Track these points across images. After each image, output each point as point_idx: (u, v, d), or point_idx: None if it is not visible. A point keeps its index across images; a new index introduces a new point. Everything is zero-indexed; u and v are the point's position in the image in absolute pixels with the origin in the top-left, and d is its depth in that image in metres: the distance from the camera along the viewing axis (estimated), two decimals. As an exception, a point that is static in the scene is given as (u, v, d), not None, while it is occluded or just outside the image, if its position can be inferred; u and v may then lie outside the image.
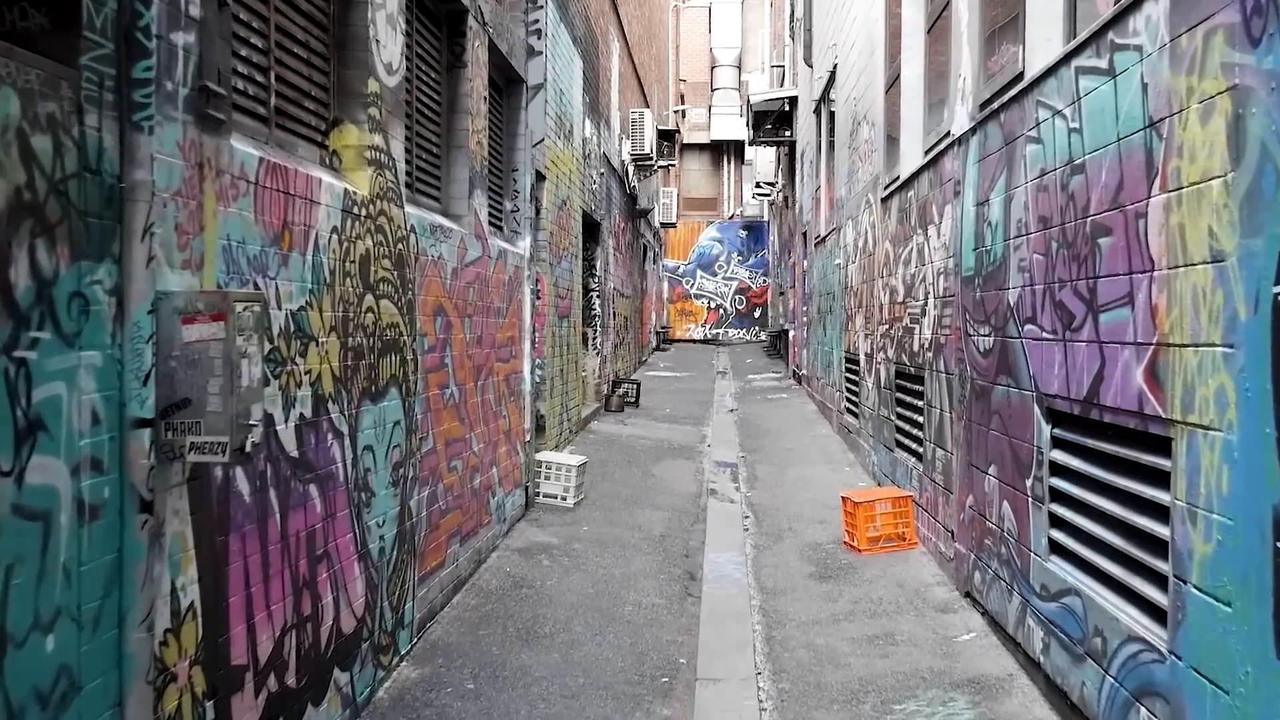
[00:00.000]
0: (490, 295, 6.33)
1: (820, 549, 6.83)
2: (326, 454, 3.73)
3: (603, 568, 6.34)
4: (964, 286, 5.66)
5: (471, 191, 5.87)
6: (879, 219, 8.78)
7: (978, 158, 5.37)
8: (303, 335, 3.51)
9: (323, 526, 3.70)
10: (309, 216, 3.56)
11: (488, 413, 6.32)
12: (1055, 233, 4.11)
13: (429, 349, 5.04)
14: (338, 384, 3.83)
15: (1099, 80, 3.65)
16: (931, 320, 6.56)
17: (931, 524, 6.47)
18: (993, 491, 5.03)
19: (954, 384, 5.89)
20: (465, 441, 5.77)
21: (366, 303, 4.14)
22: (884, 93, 8.61)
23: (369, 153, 4.18)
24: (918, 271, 7.04)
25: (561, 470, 7.94)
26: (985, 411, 5.17)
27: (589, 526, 7.34)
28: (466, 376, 5.79)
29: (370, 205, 4.18)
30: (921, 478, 6.83)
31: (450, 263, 5.42)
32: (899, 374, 7.80)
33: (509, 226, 7.34)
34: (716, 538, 7.22)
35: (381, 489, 4.34)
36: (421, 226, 4.91)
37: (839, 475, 9.33)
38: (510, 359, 6.96)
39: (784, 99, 18.23)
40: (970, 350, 5.49)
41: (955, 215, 5.89)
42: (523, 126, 7.37)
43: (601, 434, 11.66)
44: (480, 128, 6.06)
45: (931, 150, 6.71)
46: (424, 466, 4.97)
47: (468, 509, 5.83)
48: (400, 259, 4.58)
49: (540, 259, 9.09)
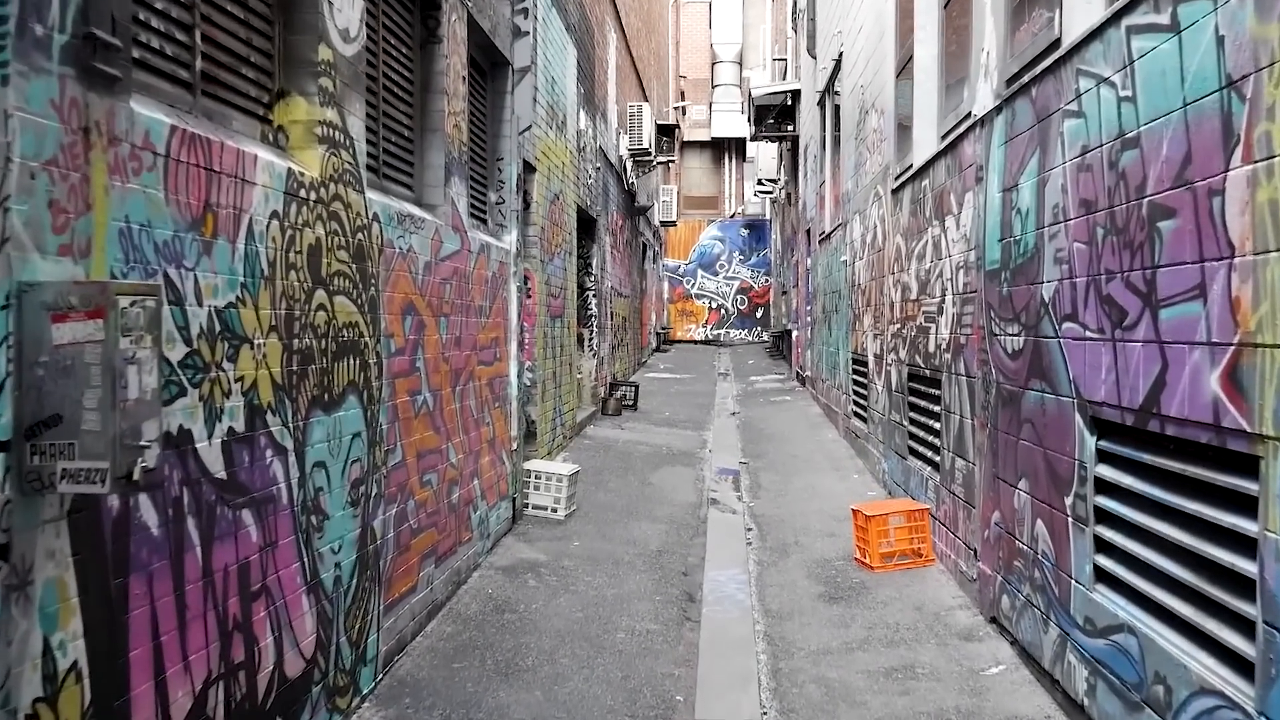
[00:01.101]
0: (471, 293, 5.83)
1: (829, 566, 6.32)
2: (265, 473, 3.23)
3: (594, 588, 5.83)
4: (988, 281, 5.15)
5: (448, 179, 5.37)
6: (889, 212, 8.27)
7: (1004, 139, 4.87)
8: (232, 336, 3.01)
9: (260, 558, 3.20)
10: (240, 198, 3.06)
11: (468, 420, 5.82)
12: (1102, 218, 3.60)
13: (396, 351, 4.54)
14: (280, 392, 3.33)
15: (1157, 38, 3.15)
16: (949, 319, 6.05)
17: (950, 540, 5.96)
18: (1024, 508, 4.53)
19: (976, 388, 5.39)
20: (441, 453, 5.27)
21: (317, 299, 3.64)
22: (894, 77, 8.11)
23: (320, 129, 3.68)
24: (933, 266, 6.53)
25: (552, 480, 7.43)
26: (1014, 419, 4.66)
27: (580, 541, 6.83)
28: (443, 381, 5.29)
29: (322, 189, 3.68)
30: (938, 489, 6.32)
31: (423, 256, 4.92)
32: (912, 376, 7.30)
33: (493, 219, 6.84)
34: (717, 553, 6.72)
35: (337, 510, 3.84)
36: (387, 215, 4.41)
37: (847, 484, 8.82)
38: (494, 362, 6.46)
39: (786, 92, 17.72)
40: (996, 351, 4.98)
41: (977, 204, 5.38)
42: (508, 112, 6.87)
43: (597, 439, 11.16)
44: (458, 110, 5.56)
45: (949, 134, 6.20)
46: (391, 482, 4.47)
47: (444, 526, 5.32)
48: (360, 251, 4.08)
49: (530, 255, 8.59)
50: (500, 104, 6.86)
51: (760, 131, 18.71)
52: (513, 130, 6.90)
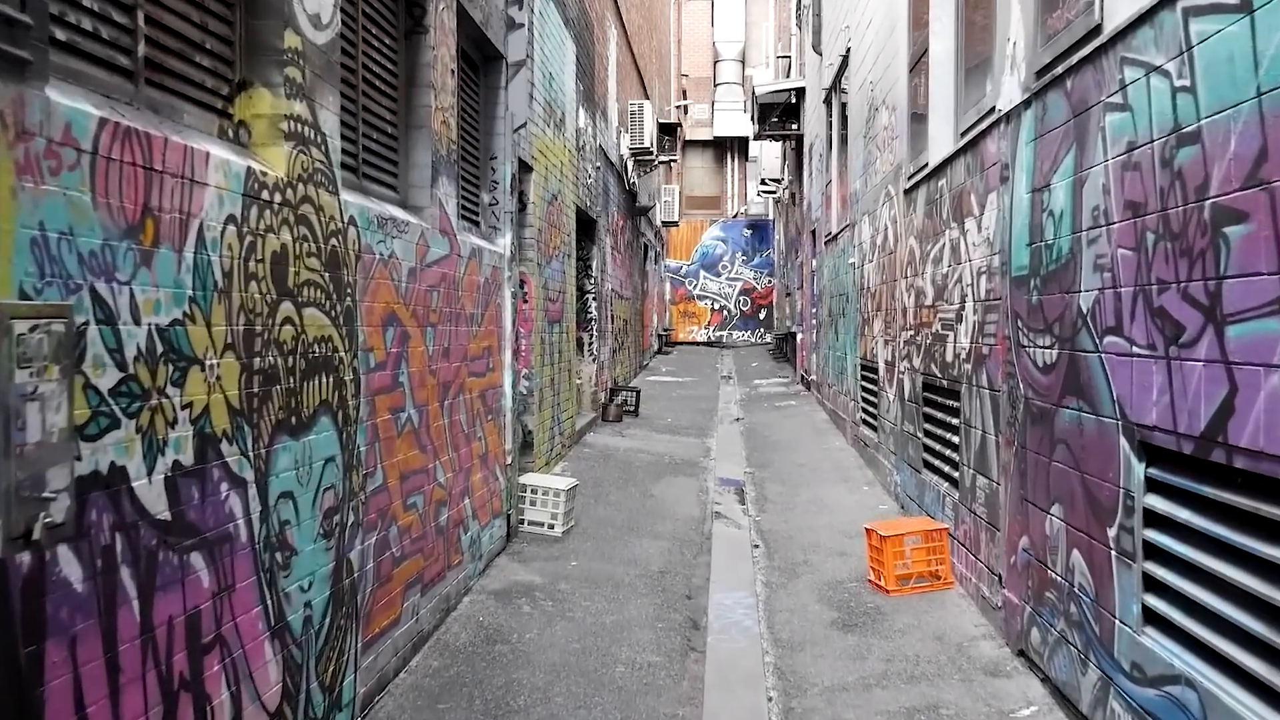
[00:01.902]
0: (461, 300, 5.48)
1: (842, 589, 5.97)
2: (219, 510, 2.88)
3: (592, 614, 5.48)
4: (1014, 288, 4.80)
5: (435, 179, 5.02)
6: (901, 213, 7.91)
7: (1033, 135, 4.51)
8: (178, 357, 2.66)
9: (213, 605, 2.85)
10: (188, 201, 2.71)
11: (458, 436, 5.47)
12: (1153, 221, 3.25)
13: (376, 366, 4.18)
14: (238, 418, 2.98)
15: (1222, 20, 2.79)
16: (970, 327, 5.70)
17: (971, 562, 5.61)
18: (1057, 535, 4.17)
19: (1001, 402, 5.03)
20: (428, 472, 4.92)
21: (283, 312, 3.29)
22: (907, 72, 7.75)
23: (287, 124, 3.33)
24: (951, 271, 6.18)
25: (549, 495, 7.08)
26: (1046, 438, 4.30)
27: (578, 561, 6.48)
28: (429, 396, 4.94)
29: (289, 190, 3.32)
30: (957, 507, 5.97)
31: (406, 262, 4.56)
32: (928, 386, 6.94)
33: (486, 221, 6.49)
34: (723, 574, 6.36)
35: (307, 544, 3.49)
36: (366, 218, 4.06)
37: (857, 496, 8.46)
38: (487, 372, 6.10)
39: (791, 90, 17.36)
40: (1024, 364, 4.63)
41: (1002, 205, 5.03)
42: (502, 109, 6.51)
43: (597, 447, 10.80)
44: (447, 105, 5.21)
45: (969, 131, 5.84)
46: (370, 508, 4.11)
47: (432, 551, 4.97)
48: (334, 258, 3.72)
49: (526, 258, 8.24)
50: (493, 100, 6.51)
51: (763, 130, 18.34)
52: (507, 127, 6.55)
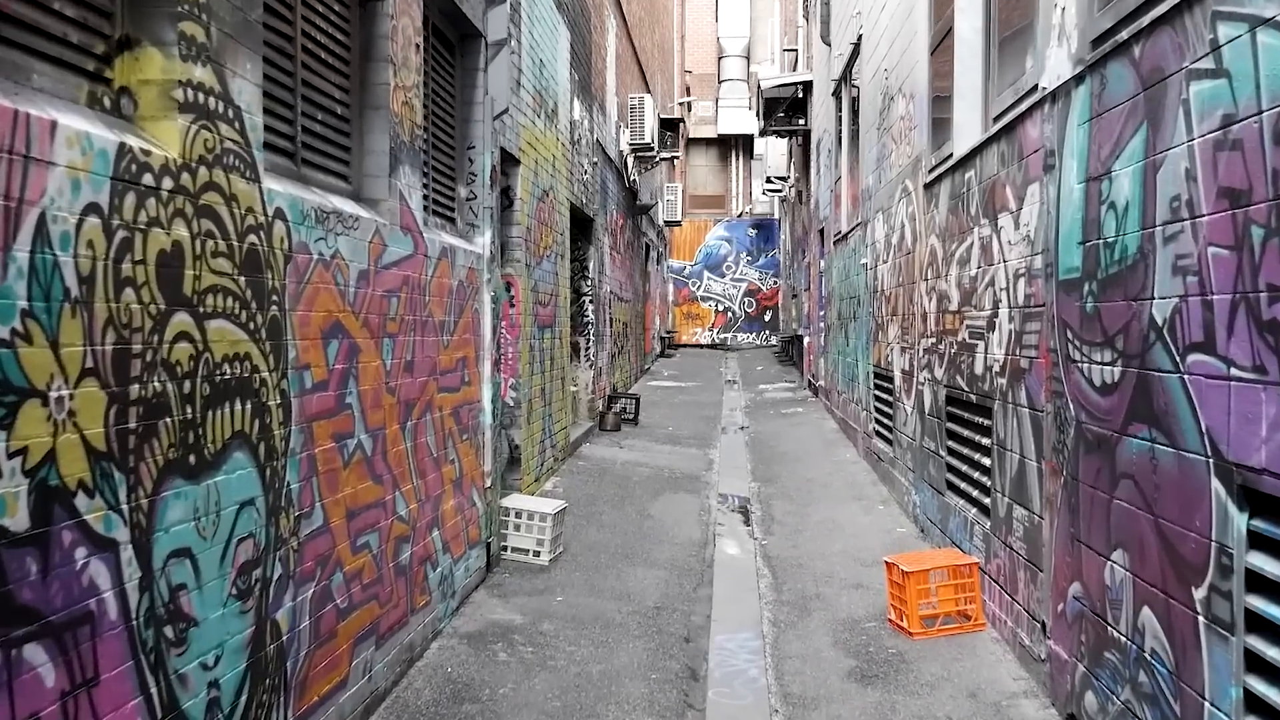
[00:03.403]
0: (428, 306, 4.84)
1: (859, 629, 5.31)
2: (73, 584, 2.24)
3: (577, 662, 4.83)
4: (1062, 294, 4.14)
5: (396, 168, 4.38)
6: (921, 209, 7.26)
7: (1087, 115, 3.86)
8: (5, 389, 2.02)
9: (62, 708, 2.20)
10: (19, 185, 2.07)
11: (424, 461, 4.82)
12: (1261, 212, 2.59)
13: (315, 386, 3.54)
14: (103, 462, 2.33)
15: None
16: (1005, 337, 5.04)
17: (1006, 603, 4.95)
18: (1120, 587, 3.52)
19: (1044, 424, 4.38)
20: (385, 506, 4.27)
21: (176, 326, 2.65)
22: (928, 54, 7.09)
23: (185, 93, 2.69)
24: (981, 273, 5.52)
25: (534, 520, 6.43)
26: (1106, 471, 3.65)
27: (565, 595, 5.83)
28: (387, 417, 4.30)
29: (185, 174, 2.68)
30: (989, 538, 5.31)
31: (357, 263, 3.92)
32: (952, 400, 6.28)
33: (463, 218, 5.84)
34: (726, 610, 5.71)
35: (213, 610, 2.85)
36: (299, 211, 3.42)
37: (872, 517, 7.80)
38: (461, 386, 5.46)
39: (797, 84, 16.71)
40: (1075, 382, 3.97)
41: (1046, 197, 4.37)
42: (480, 93, 5.87)
43: (593, 460, 10.15)
44: (410, 84, 4.57)
45: (1004, 115, 5.19)
46: (305, 556, 3.47)
47: (389, 596, 4.33)
48: (254, 258, 3.08)
49: (513, 259, 7.60)
50: (471, 83, 5.86)
51: (769, 126, 17.69)
52: (486, 114, 5.90)
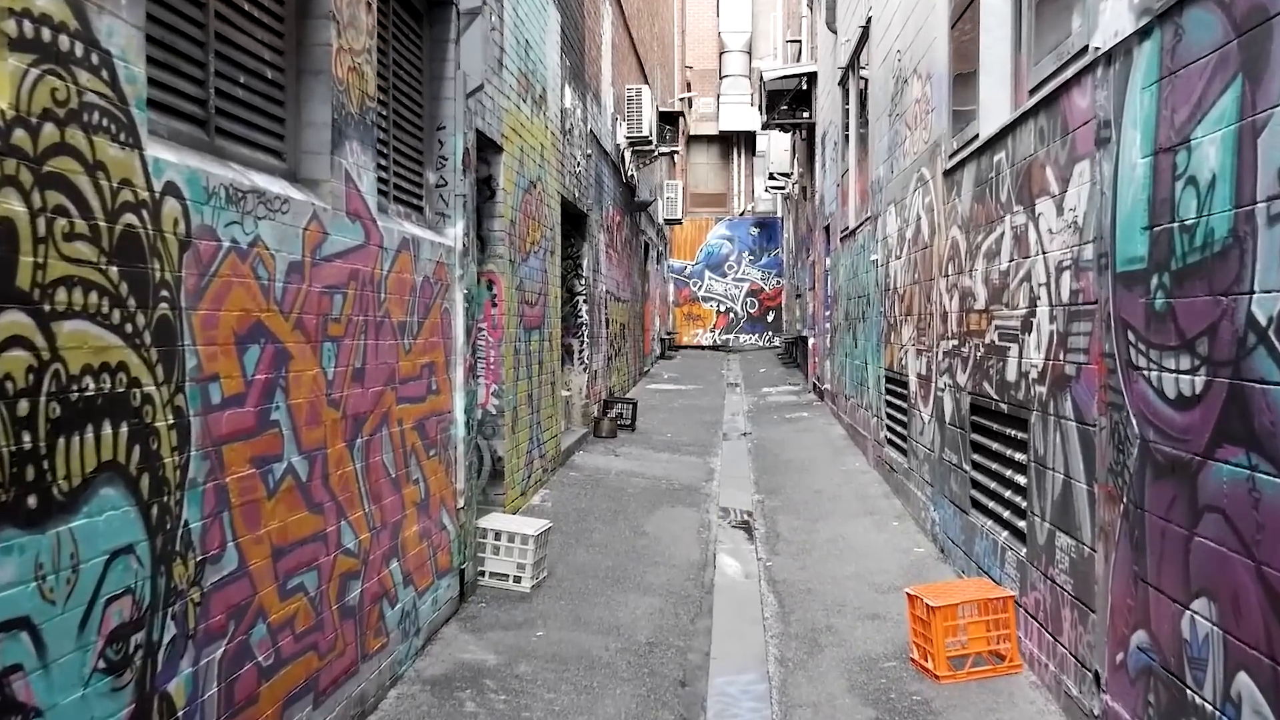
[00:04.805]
0: (384, 304, 4.22)
1: (877, 670, 4.69)
2: None
3: (555, 714, 4.20)
4: (1121, 288, 3.52)
5: (341, 144, 3.76)
6: (940, 199, 6.63)
7: (1155, 75, 3.24)
8: None
9: None
10: None
11: (380, 483, 4.20)
12: None
13: (224, 402, 2.92)
14: (-124, 515, 1.71)
15: None
16: (1044, 338, 4.42)
17: (1048, 644, 4.32)
18: (1205, 644, 2.89)
19: (1097, 441, 3.75)
20: (326, 539, 3.65)
21: (7, 327, 2.03)
22: (948, 29, 6.47)
23: (19, 26, 2.07)
24: (1013, 267, 4.90)
25: (515, 541, 5.81)
26: (1184, 502, 3.02)
27: (546, 629, 5.20)
28: (330, 434, 3.67)
29: (20, 130, 2.06)
30: (1024, 566, 4.68)
31: (286, 253, 3.30)
32: (978, 409, 5.65)
33: (433, 207, 5.22)
34: (727, 646, 5.09)
35: (69, 692, 2.22)
36: (201, 188, 2.80)
37: (886, 534, 7.17)
38: (427, 396, 4.84)
39: (801, 75, 16.08)
40: (1140, 393, 3.34)
41: (1098, 176, 3.75)
42: (451, 67, 5.25)
43: (586, 469, 9.53)
44: (360, 48, 3.95)
45: (1043, 86, 4.56)
46: (212, 609, 2.85)
47: (332, 643, 3.70)
48: (132, 243, 2.46)
49: (496, 255, 6.98)
50: (440, 55, 5.24)
51: (772, 119, 17.06)
52: (458, 90, 5.28)
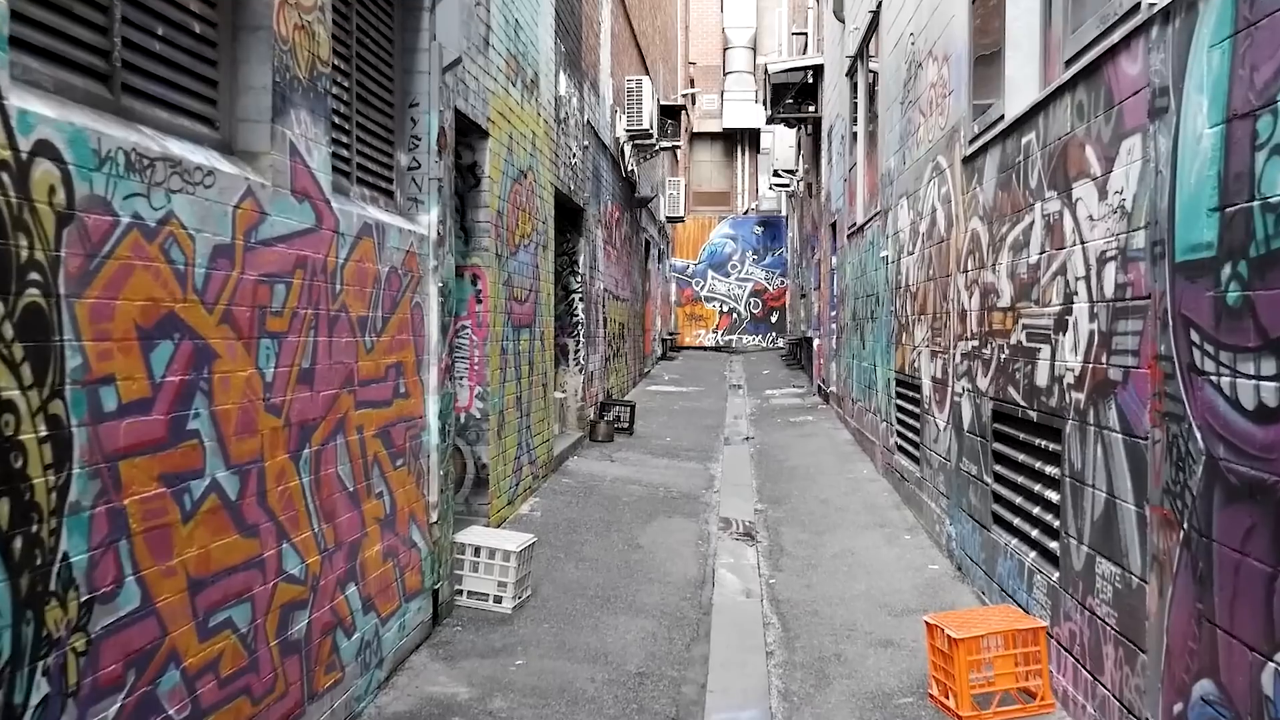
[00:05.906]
0: (340, 297, 3.75)
1: (892, 707, 4.21)
2: None
3: (531, 758, 3.74)
4: (1182, 280, 3.04)
5: (284, 112, 3.29)
6: (959, 188, 6.15)
7: (1228, 29, 2.76)
8: None
9: None
10: None
11: (333, 498, 3.73)
12: None
13: (121, 409, 2.45)
14: None
15: None
16: (1082, 338, 3.94)
17: (1085, 682, 3.84)
18: (1295, 705, 2.41)
19: (1150, 456, 3.27)
20: (264, 565, 3.18)
21: None
22: (969, 3, 5.99)
23: None
24: (1045, 259, 4.41)
25: (495, 558, 5.33)
26: (1265, 532, 2.54)
27: (527, 657, 4.73)
28: (269, 445, 3.20)
29: None
30: (1057, 593, 4.20)
31: (210, 235, 2.83)
32: (1001, 416, 5.16)
33: (404, 191, 4.75)
34: (726, 678, 4.61)
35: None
36: (88, 151, 2.33)
37: (898, 549, 6.69)
38: (394, 399, 4.37)
39: (807, 68, 15.61)
40: (1207, 402, 2.86)
41: (1152, 153, 3.27)
42: (425, 37, 4.78)
43: (580, 476, 9.05)
44: (310, 4, 3.47)
45: (1082, 55, 4.07)
46: (104, 657, 2.38)
47: (270, 684, 3.23)
48: (-12, 214, 1.99)
49: (480, 248, 6.52)
50: (414, 25, 4.77)
51: (777, 113, 16.59)
52: (433, 63, 4.81)
